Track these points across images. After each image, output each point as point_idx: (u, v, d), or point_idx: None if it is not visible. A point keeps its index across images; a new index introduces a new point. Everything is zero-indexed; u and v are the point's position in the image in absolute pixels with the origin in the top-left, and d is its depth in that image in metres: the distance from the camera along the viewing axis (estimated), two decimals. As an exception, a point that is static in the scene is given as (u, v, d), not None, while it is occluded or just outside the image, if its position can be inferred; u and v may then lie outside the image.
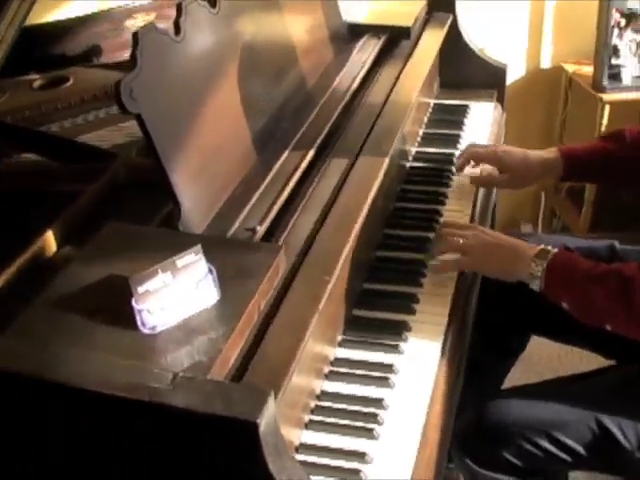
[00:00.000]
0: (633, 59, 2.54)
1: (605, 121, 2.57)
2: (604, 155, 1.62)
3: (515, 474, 1.36)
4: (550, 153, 1.65)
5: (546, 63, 2.79)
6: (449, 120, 1.96)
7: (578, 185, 2.78)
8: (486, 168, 1.71)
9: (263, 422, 0.75)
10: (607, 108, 2.55)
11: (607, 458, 1.34)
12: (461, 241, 1.38)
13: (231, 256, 0.98)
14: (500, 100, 2.11)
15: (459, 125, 1.94)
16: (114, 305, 0.91)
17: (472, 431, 1.36)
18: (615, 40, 2.48)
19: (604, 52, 2.48)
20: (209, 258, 0.93)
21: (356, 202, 1.20)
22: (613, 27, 2.46)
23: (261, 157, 1.27)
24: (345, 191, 1.23)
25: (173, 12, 1.19)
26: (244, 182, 1.21)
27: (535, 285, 1.32)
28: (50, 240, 1.14)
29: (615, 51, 2.50)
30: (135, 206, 1.28)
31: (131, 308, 0.88)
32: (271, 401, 0.77)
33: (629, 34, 2.48)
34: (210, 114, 1.18)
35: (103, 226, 1.08)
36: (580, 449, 1.32)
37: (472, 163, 1.70)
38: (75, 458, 0.86)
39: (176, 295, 0.90)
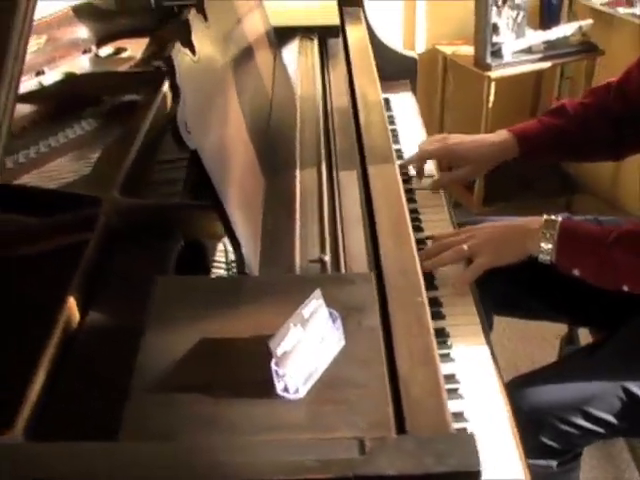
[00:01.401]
0: (511, 35, 2.62)
1: (492, 97, 2.64)
2: (555, 132, 1.63)
3: (553, 457, 1.36)
4: (501, 135, 1.64)
5: (421, 47, 2.82)
6: (379, 115, 1.91)
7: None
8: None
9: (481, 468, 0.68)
10: (493, 85, 2.61)
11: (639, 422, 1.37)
12: (465, 247, 1.34)
13: (330, 294, 0.88)
14: (413, 90, 2.09)
15: (390, 119, 1.90)
16: (232, 373, 0.79)
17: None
18: (495, 18, 2.54)
19: (486, 30, 2.53)
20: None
21: (397, 213, 1.13)
22: (492, 5, 2.51)
23: (272, 181, 1.17)
24: (378, 204, 1.15)
25: (65, 34, 1.06)
26: (271, 210, 1.10)
27: (545, 256, 1.31)
28: (73, 310, 0.99)
29: (495, 29, 2.56)
30: (140, 253, 1.15)
31: (263, 373, 0.77)
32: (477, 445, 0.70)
33: (507, 11, 2.55)
34: (232, 141, 1.07)
35: (119, 281, 1.00)
36: (612, 419, 1.33)
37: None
38: None
39: (309, 349, 0.79)
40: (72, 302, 0.99)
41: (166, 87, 1.59)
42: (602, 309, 1.54)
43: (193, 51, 1.02)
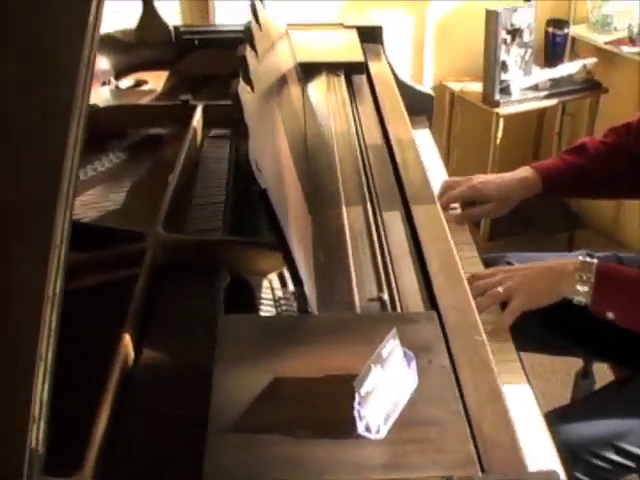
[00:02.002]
0: (519, 72, 2.66)
1: (500, 134, 2.67)
2: (577, 170, 1.66)
3: None
4: (525, 172, 1.66)
5: (428, 83, 2.85)
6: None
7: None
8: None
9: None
10: (501, 121, 2.64)
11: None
12: (500, 290, 1.34)
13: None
14: (430, 127, 2.11)
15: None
16: (311, 413, 0.79)
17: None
18: (503, 56, 2.58)
19: (495, 68, 2.56)
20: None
21: (445, 252, 1.14)
22: (501, 43, 2.55)
23: (318, 218, 1.17)
24: (426, 242, 1.16)
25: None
26: (322, 247, 1.10)
27: (581, 299, 1.32)
28: (129, 348, 0.98)
29: (503, 66, 2.59)
30: (188, 289, 1.15)
31: (342, 413, 0.77)
32: None
33: (515, 49, 2.59)
34: (285, 177, 1.08)
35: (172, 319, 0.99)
36: None
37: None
38: None
39: (388, 389, 0.79)
40: (127, 339, 0.98)
41: (196, 121, 1.60)
42: (624, 344, 1.55)
43: (252, 88, 1.02)
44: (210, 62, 2.04)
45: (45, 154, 0.79)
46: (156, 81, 2.03)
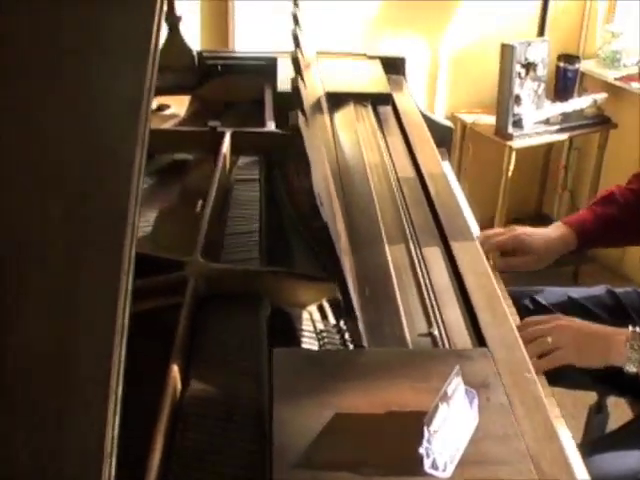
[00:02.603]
0: (531, 106, 2.68)
1: (512, 167, 2.69)
2: (609, 222, 1.67)
3: None
4: (560, 229, 1.67)
5: (440, 114, 2.87)
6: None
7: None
8: None
9: None
10: (514, 154, 2.66)
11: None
12: (549, 339, 1.35)
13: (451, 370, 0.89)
14: (449, 160, 2.13)
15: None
16: (376, 450, 0.79)
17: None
18: (517, 89, 2.60)
19: (509, 101, 2.59)
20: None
21: (489, 288, 1.14)
22: (515, 77, 2.58)
23: (360, 252, 1.18)
24: (469, 279, 1.16)
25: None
26: (367, 282, 1.11)
27: (632, 368, 1.33)
28: (177, 379, 0.98)
29: (517, 100, 2.62)
30: (231, 319, 1.14)
31: (408, 450, 0.77)
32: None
33: (529, 83, 2.61)
34: (334, 214, 1.08)
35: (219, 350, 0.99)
36: None
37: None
38: None
39: (453, 427, 0.79)
40: (175, 372, 0.98)
41: (225, 148, 1.60)
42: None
43: (306, 118, 1.03)
44: (231, 89, 2.05)
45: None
46: (178, 105, 2.03)
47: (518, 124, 2.66)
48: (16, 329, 0.73)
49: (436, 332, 1.00)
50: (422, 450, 0.76)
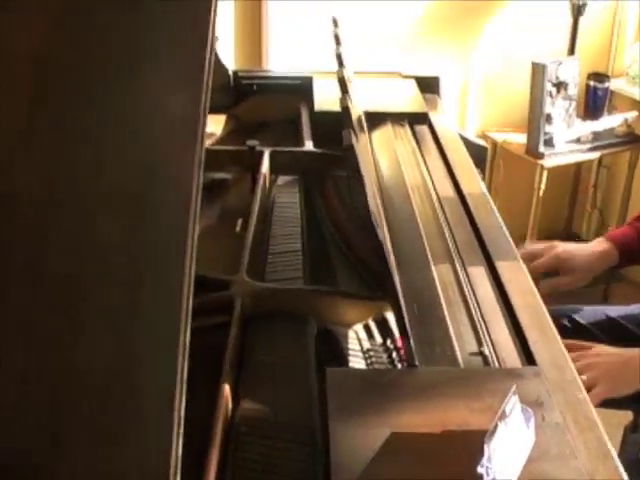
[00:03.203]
0: (562, 125, 2.68)
1: (543, 186, 2.68)
2: None
3: None
4: (602, 245, 1.67)
5: (471, 132, 2.87)
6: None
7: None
8: None
9: None
10: (545, 173, 2.66)
11: None
12: (584, 378, 1.34)
13: (504, 389, 0.88)
14: (483, 179, 2.13)
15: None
16: (434, 471, 0.79)
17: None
18: (548, 108, 2.61)
19: (540, 120, 2.59)
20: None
21: (536, 308, 1.15)
22: (547, 96, 2.58)
23: (405, 274, 1.18)
24: (515, 299, 1.16)
25: None
26: (414, 300, 1.11)
27: None
28: (228, 400, 0.98)
29: (548, 118, 2.62)
30: (278, 338, 1.15)
31: (464, 470, 0.77)
32: None
33: (560, 102, 2.61)
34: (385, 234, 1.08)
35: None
36: None
37: None
38: None
39: (511, 446, 0.79)
40: (227, 392, 0.98)
41: (265, 167, 1.62)
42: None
43: (356, 136, 1.04)
44: (267, 108, 2.06)
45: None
46: (214, 124, 2.05)
47: (549, 143, 2.66)
48: (81, 345, 0.73)
49: (487, 351, 1.00)
50: (481, 469, 0.76)
